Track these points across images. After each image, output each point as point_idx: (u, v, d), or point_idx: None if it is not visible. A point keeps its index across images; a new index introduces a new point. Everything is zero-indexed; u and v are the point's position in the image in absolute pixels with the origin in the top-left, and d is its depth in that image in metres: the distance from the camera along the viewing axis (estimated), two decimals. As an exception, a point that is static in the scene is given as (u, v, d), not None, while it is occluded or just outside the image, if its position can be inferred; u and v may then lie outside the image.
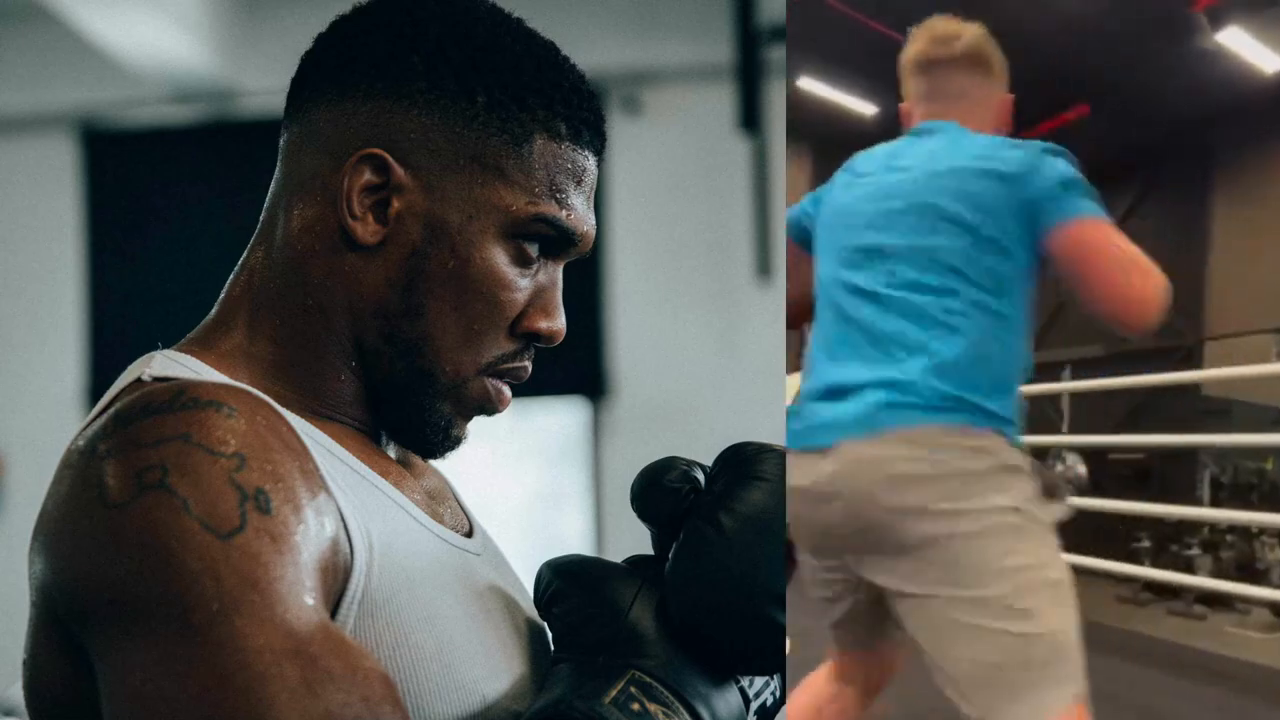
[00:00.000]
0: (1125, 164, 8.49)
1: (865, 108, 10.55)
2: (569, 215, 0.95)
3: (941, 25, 1.87)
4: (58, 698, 0.83)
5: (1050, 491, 1.83)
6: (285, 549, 0.78)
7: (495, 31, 0.94)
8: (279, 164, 0.97)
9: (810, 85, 10.22)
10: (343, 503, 0.85)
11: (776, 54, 4.34)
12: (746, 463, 0.90)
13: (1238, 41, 6.33)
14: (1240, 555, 5.22)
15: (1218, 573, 5.10)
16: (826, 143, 11.18)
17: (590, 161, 0.96)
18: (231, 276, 0.98)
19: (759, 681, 0.92)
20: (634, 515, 0.92)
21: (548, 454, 4.99)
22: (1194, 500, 5.84)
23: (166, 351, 0.93)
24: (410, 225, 0.92)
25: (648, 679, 0.85)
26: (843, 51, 9.48)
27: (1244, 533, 5.23)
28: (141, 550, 0.76)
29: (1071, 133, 9.89)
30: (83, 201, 4.91)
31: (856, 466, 1.55)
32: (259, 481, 0.79)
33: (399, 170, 0.92)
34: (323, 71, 0.95)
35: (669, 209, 4.75)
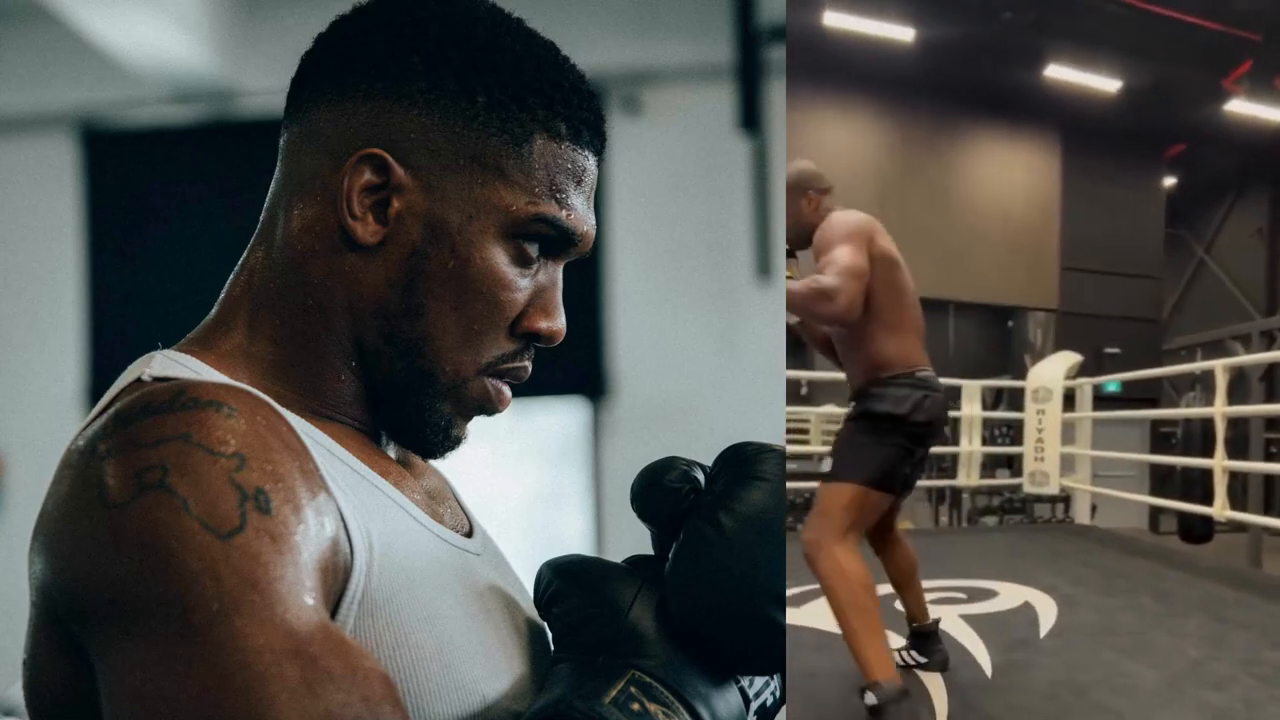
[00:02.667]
0: None
1: (1109, 84, 10.42)
2: (569, 215, 0.95)
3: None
4: (58, 698, 0.83)
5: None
6: (285, 549, 0.78)
7: (495, 31, 0.94)
8: (279, 164, 0.97)
9: (1057, 71, 10.14)
10: (343, 503, 0.85)
11: (776, 54, 4.34)
12: (746, 463, 0.90)
13: None
14: None
15: None
16: (1074, 128, 11.13)
17: (590, 161, 0.96)
18: (231, 276, 0.98)
19: (759, 681, 0.92)
20: (634, 515, 0.92)
21: (548, 454, 4.99)
22: None
23: (166, 351, 0.93)
24: (410, 225, 0.92)
25: (648, 679, 0.85)
26: (1090, 30, 9.38)
27: None
28: (141, 550, 0.76)
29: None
30: (83, 201, 4.91)
31: None
32: (259, 481, 0.79)
33: (399, 170, 0.92)
34: (323, 71, 0.95)
35: (669, 209, 4.75)
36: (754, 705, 0.92)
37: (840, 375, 3.04)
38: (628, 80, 4.63)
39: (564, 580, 0.90)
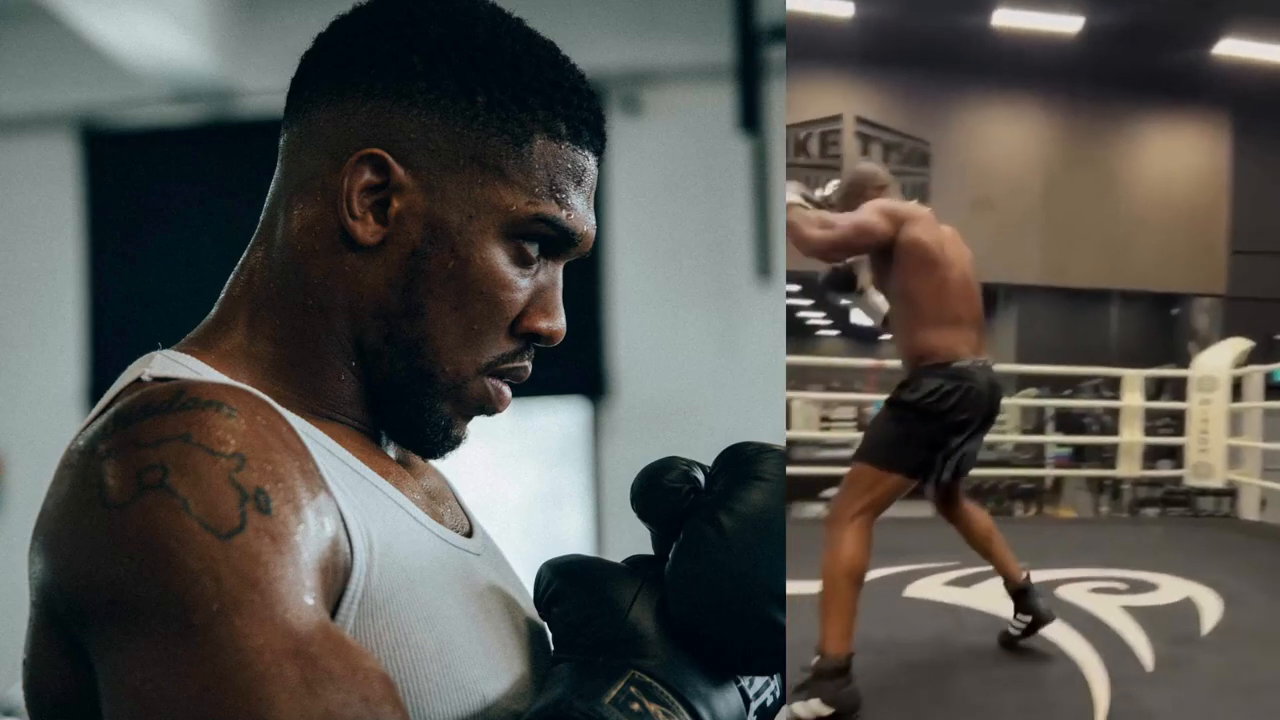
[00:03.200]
0: None
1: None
2: (569, 215, 0.95)
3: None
4: (58, 698, 0.83)
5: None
6: (285, 549, 0.78)
7: (495, 31, 0.94)
8: (279, 164, 0.97)
9: (1229, 47, 9.86)
10: (343, 503, 0.85)
11: (776, 54, 4.34)
12: (746, 463, 0.90)
13: None
14: None
15: None
16: (1247, 105, 10.84)
17: (590, 161, 0.96)
18: (231, 276, 0.98)
19: (759, 681, 0.92)
20: (634, 515, 0.92)
21: (548, 454, 4.99)
22: None
23: (166, 351, 0.93)
24: (410, 225, 0.92)
25: (648, 679, 0.85)
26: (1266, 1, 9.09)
27: None
28: (142, 550, 0.76)
29: None
30: (83, 201, 4.91)
31: None
32: (259, 481, 0.79)
33: (399, 170, 0.92)
34: (323, 71, 0.95)
35: (669, 209, 4.75)
36: (754, 705, 0.92)
37: (1011, 367, 3.12)
38: (628, 80, 4.62)
39: (564, 580, 0.90)
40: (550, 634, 0.93)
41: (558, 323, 0.97)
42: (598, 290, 4.71)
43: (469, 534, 1.01)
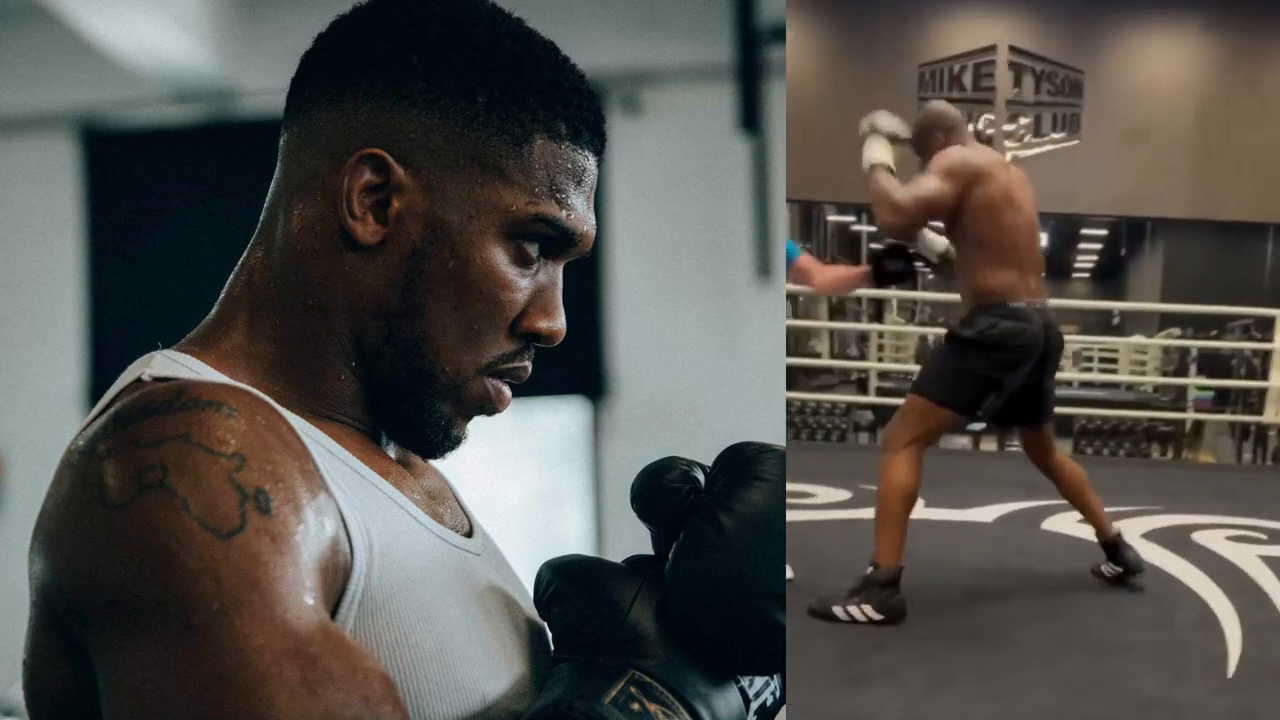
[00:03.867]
0: None
1: None
2: (569, 215, 0.95)
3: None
4: (58, 698, 0.83)
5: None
6: (285, 549, 0.78)
7: (495, 31, 0.94)
8: (279, 164, 0.97)
9: None
10: (343, 503, 0.85)
11: (776, 54, 4.34)
12: (746, 463, 0.90)
13: None
14: None
15: None
16: None
17: (590, 161, 0.96)
18: (231, 276, 0.98)
19: (759, 681, 0.92)
20: (634, 515, 0.92)
21: (548, 454, 4.99)
22: None
23: (166, 351, 0.93)
24: (410, 225, 0.92)
25: (648, 679, 0.85)
26: None
27: None
28: (142, 550, 0.76)
29: None
30: (83, 201, 4.91)
31: None
32: (259, 481, 0.79)
33: (399, 170, 0.92)
34: (323, 71, 0.95)
35: (669, 209, 4.75)
36: (754, 705, 0.92)
37: (1154, 306, 3.10)
38: (628, 80, 4.63)
39: (564, 580, 0.90)
40: (550, 634, 0.93)
41: (558, 323, 0.97)
42: (598, 290, 4.71)
43: (469, 534, 1.01)
